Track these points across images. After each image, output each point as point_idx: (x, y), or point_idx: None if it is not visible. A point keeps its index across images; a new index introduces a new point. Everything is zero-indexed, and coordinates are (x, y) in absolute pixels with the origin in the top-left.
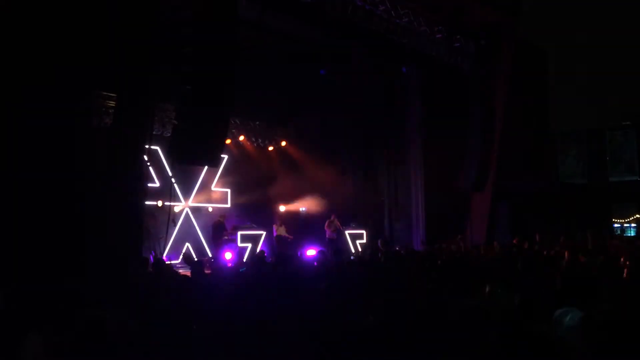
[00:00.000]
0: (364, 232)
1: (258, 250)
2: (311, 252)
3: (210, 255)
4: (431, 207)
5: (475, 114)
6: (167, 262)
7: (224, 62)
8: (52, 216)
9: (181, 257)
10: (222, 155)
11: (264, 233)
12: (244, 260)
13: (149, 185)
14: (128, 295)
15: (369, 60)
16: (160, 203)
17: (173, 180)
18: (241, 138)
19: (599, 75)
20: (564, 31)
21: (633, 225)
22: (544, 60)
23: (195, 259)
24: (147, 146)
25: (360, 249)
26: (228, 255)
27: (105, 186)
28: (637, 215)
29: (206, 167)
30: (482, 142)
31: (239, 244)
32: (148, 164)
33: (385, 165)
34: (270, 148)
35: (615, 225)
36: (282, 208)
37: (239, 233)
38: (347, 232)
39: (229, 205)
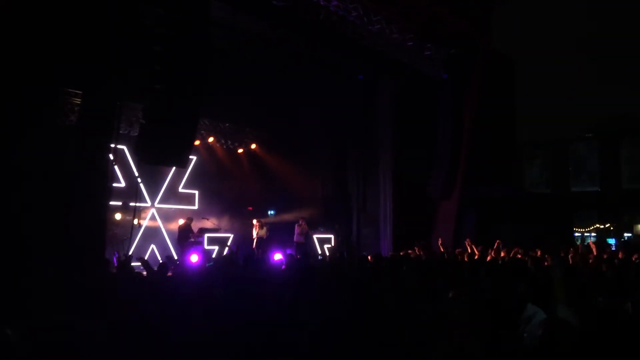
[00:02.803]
0: (332, 236)
1: (226, 250)
2: (278, 256)
3: (175, 257)
4: (399, 212)
5: (444, 122)
6: (130, 264)
7: (196, 62)
8: (12, 215)
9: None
10: (191, 157)
11: (232, 236)
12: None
13: (114, 185)
14: (89, 297)
15: (341, 65)
16: (125, 203)
17: (139, 180)
18: (210, 139)
19: (563, 88)
20: (531, 43)
21: (593, 234)
22: (511, 70)
23: (160, 261)
24: (113, 145)
25: (327, 253)
26: (194, 258)
27: (68, 185)
28: (598, 225)
29: (174, 168)
30: (450, 150)
31: (206, 247)
32: (114, 163)
33: (354, 170)
34: (240, 150)
35: (577, 234)
36: (250, 209)
37: (206, 235)
38: (315, 237)
39: (196, 207)
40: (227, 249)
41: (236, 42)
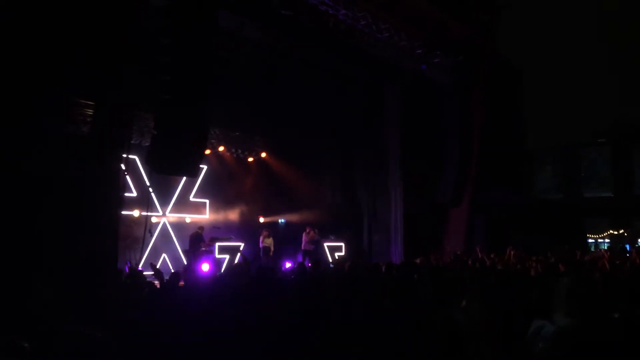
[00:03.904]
0: (342, 244)
1: (237, 260)
2: (287, 265)
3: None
4: (410, 220)
5: (453, 128)
6: (143, 273)
7: (204, 72)
8: (25, 225)
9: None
10: (201, 166)
11: (242, 244)
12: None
13: (126, 194)
14: (101, 308)
15: (350, 73)
16: (137, 213)
17: (151, 190)
18: (221, 149)
19: (574, 92)
20: (541, 51)
21: (607, 240)
22: (520, 79)
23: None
24: (125, 155)
25: (337, 261)
26: (205, 267)
27: (80, 195)
28: (611, 231)
29: (185, 178)
30: (460, 157)
31: (217, 256)
32: (125, 173)
33: (363, 177)
34: (250, 159)
35: (590, 240)
36: (261, 219)
37: (217, 244)
38: (325, 245)
39: (207, 216)
40: (239, 255)
41: (244, 51)
